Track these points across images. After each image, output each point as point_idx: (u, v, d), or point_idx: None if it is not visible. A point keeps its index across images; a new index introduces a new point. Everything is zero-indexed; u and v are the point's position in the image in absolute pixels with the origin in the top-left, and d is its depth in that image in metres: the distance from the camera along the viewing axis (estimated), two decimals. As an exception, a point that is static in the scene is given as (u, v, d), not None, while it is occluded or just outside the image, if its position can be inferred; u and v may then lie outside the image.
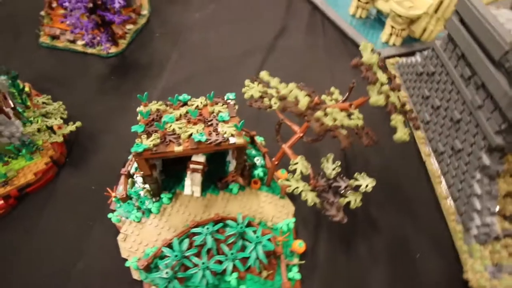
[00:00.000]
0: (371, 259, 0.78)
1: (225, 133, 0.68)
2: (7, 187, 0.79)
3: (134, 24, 1.34)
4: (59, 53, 1.22)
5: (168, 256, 0.67)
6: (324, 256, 0.77)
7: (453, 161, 0.90)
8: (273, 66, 1.25)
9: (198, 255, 0.71)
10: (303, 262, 0.73)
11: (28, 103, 0.93)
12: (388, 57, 1.33)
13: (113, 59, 1.22)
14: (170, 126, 0.70)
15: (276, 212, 0.82)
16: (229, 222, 0.72)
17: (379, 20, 1.51)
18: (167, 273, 0.64)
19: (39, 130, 0.86)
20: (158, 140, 0.66)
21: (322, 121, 0.51)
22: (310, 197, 0.64)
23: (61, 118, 0.88)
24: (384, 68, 0.60)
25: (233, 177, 0.78)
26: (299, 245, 0.74)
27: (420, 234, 0.84)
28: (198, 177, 0.79)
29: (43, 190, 0.84)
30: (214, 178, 0.85)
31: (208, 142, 0.66)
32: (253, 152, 0.92)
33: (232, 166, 0.80)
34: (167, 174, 0.87)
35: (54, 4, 1.27)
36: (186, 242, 0.70)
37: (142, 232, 0.77)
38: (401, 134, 0.47)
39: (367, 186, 0.66)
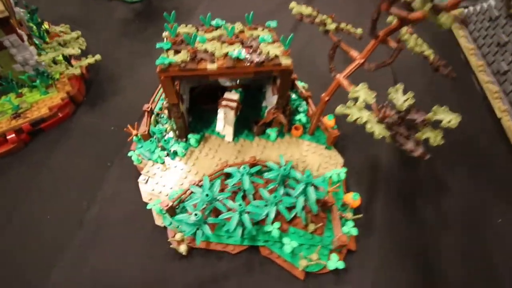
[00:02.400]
0: (438, 222, 0.63)
1: (268, 52, 0.55)
2: (19, 120, 0.70)
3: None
4: (81, -2, 1.13)
5: (198, 196, 0.55)
6: (381, 214, 0.63)
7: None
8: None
9: (231, 200, 0.59)
10: (360, 216, 0.60)
11: (47, 39, 0.84)
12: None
13: (138, 4, 1.12)
14: (202, 45, 0.58)
15: (322, 162, 0.69)
16: (269, 164, 0.60)
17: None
18: (196, 215, 0.52)
19: (55, 62, 0.76)
20: (188, 58, 0.54)
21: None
22: (378, 130, 0.49)
23: (80, 49, 0.78)
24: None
25: (274, 114, 0.65)
26: (353, 198, 0.60)
27: (500, 199, 0.67)
28: (231, 115, 0.66)
29: (58, 128, 0.75)
30: (248, 124, 0.72)
31: (248, 60, 0.53)
32: (294, 96, 0.78)
33: (271, 105, 0.66)
34: (194, 116, 0.75)
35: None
36: (217, 184, 0.58)
37: (166, 175, 0.66)
38: None
39: (450, 121, 0.51)
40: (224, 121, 0.64)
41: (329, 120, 0.73)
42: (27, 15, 0.85)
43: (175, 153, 0.68)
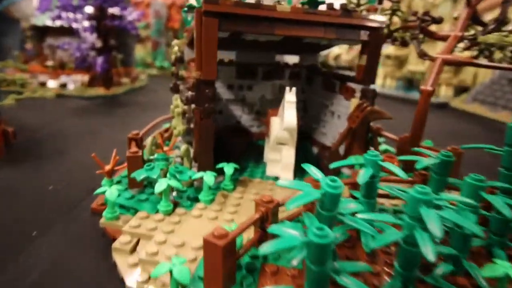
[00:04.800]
0: None
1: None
2: None
3: (131, 82, 1.25)
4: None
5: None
6: None
7: None
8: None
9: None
10: None
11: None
12: None
13: (100, 99, 1.03)
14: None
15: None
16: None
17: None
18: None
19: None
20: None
21: None
22: None
23: (21, 85, 0.57)
24: None
25: (365, 110, 0.46)
26: None
27: None
28: (291, 155, 0.46)
29: None
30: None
31: (332, 7, 0.42)
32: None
33: (352, 105, 0.49)
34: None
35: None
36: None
37: (180, 229, 0.34)
38: None
39: None
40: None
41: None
42: None
43: (192, 201, 0.39)
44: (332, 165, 0.34)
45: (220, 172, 0.43)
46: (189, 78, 0.53)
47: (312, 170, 0.29)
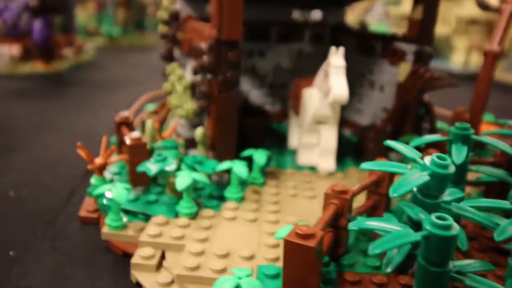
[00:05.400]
0: None
1: None
2: None
3: (75, 55, 1.20)
4: None
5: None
6: None
7: None
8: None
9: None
10: None
11: None
12: None
13: (40, 78, 0.98)
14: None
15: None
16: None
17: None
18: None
19: None
20: None
21: None
22: None
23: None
24: None
25: (423, 77, 0.46)
26: None
27: None
28: (332, 137, 0.47)
29: None
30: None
31: None
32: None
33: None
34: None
35: None
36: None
37: (216, 236, 0.33)
38: None
39: None
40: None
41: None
42: None
43: (216, 199, 0.39)
44: (414, 142, 0.33)
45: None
46: (186, 41, 0.52)
47: (402, 148, 0.29)
